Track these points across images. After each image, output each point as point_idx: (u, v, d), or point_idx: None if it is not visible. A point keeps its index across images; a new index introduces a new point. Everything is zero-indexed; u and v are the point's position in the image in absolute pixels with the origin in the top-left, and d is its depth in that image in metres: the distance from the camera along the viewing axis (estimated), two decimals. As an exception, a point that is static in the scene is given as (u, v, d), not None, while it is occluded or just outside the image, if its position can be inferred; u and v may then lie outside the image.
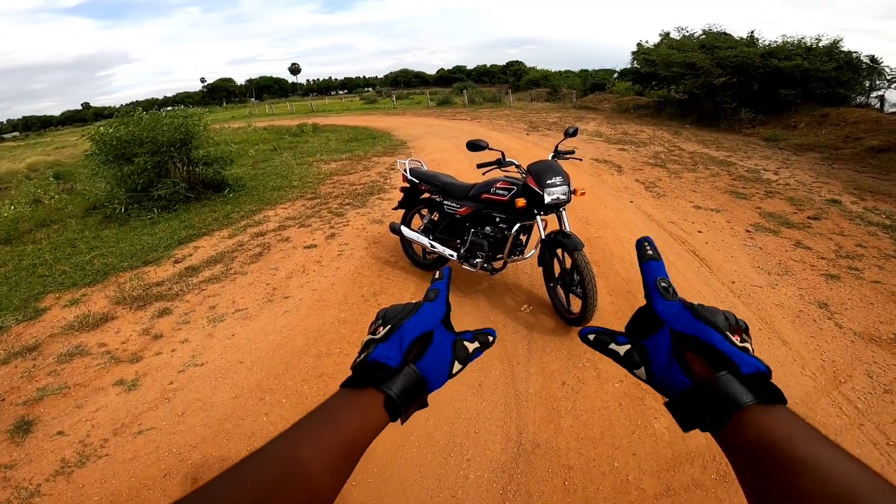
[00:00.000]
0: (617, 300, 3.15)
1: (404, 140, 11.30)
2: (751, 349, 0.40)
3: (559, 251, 2.72)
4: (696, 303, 0.43)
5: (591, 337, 0.46)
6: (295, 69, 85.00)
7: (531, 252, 2.95)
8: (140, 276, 4.05)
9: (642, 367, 0.42)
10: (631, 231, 4.46)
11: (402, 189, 3.56)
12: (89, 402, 2.47)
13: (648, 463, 1.89)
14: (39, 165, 14.54)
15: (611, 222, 4.72)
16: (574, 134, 2.94)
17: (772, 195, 5.73)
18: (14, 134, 63.81)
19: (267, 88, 78.90)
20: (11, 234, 5.99)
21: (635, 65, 17.18)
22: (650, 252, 0.47)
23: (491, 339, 0.51)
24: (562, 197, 2.60)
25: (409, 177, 3.41)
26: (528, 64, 50.26)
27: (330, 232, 4.76)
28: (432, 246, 3.20)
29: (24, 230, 6.20)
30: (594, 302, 2.51)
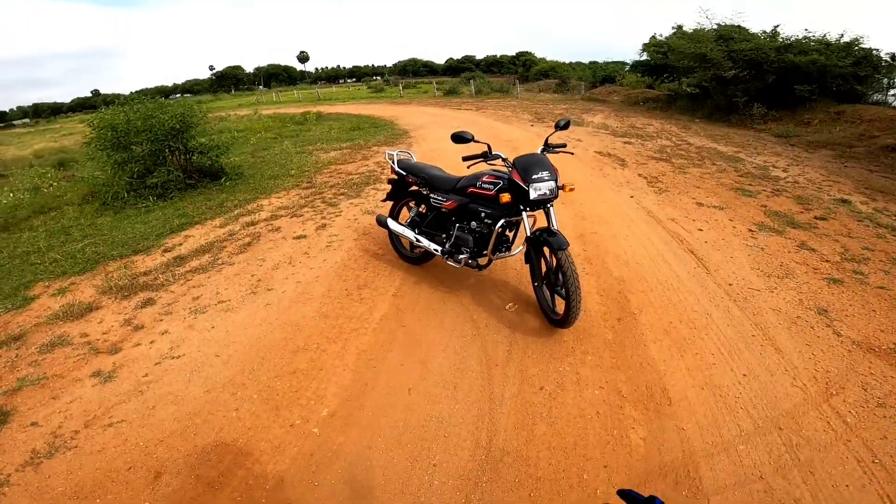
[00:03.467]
0: (606, 301, 3.05)
1: (406, 129, 11.18)
2: None
3: (545, 249, 2.62)
4: None
5: None
6: (303, 57, 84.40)
7: (518, 249, 2.85)
8: (129, 266, 4.02)
9: None
10: (628, 227, 4.33)
11: (390, 181, 3.47)
12: (65, 393, 2.46)
13: (619, 475, 1.82)
14: (45, 152, 14.59)
15: (608, 218, 4.59)
16: (566, 126, 2.80)
17: (779, 193, 5.55)
18: (24, 121, 64.02)
19: (275, 76, 78.30)
20: (9, 221, 5.99)
21: (646, 56, 16.81)
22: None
23: None
24: (548, 193, 2.48)
25: (397, 168, 3.32)
26: (539, 55, 49.39)
27: (321, 222, 4.69)
28: (417, 240, 3.11)
29: (22, 217, 6.21)
30: (578, 304, 2.42)
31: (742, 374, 2.38)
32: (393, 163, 3.38)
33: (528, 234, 2.62)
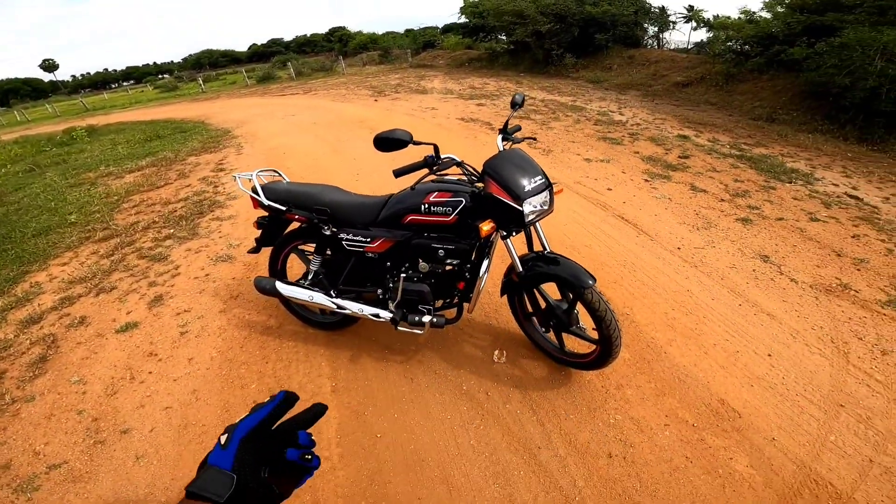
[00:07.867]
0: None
1: (227, 128, 9.05)
2: None
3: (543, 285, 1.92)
4: None
5: None
6: (50, 66, 66.46)
7: (482, 269, 2.05)
8: None
9: None
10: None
11: (259, 221, 2.26)
12: None
13: None
14: None
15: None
16: (521, 104, 2.00)
17: (635, 137, 5.85)
18: None
19: (14, 92, 59.75)
20: None
21: (464, 18, 17.18)
22: None
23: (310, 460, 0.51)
24: (544, 207, 1.72)
25: (264, 200, 2.11)
26: (353, 29, 47.05)
27: (153, 293, 3.10)
28: (339, 307, 2.06)
29: None
30: (619, 344, 1.78)
31: (767, 355, 2.14)
32: (257, 193, 2.13)
33: (520, 270, 1.86)
